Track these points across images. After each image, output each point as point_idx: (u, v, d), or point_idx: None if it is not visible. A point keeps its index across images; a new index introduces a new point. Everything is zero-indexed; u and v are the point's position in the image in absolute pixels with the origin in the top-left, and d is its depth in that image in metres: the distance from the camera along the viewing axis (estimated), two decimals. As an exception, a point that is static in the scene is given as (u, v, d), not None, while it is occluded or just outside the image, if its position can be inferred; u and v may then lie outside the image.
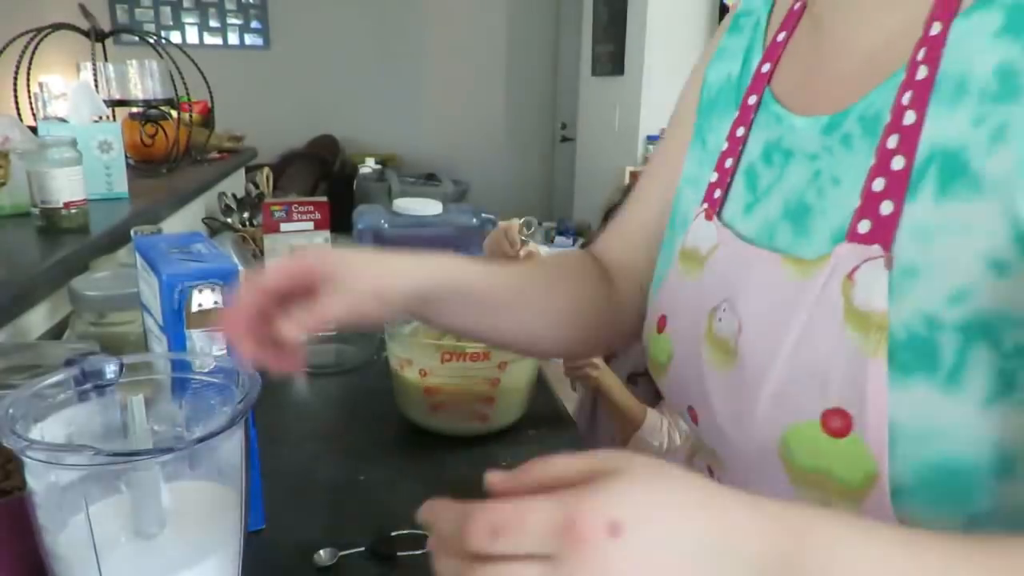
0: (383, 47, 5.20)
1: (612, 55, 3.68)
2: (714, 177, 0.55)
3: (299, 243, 1.22)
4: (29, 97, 1.55)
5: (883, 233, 0.40)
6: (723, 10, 3.16)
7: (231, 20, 4.94)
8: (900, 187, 0.40)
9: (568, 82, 5.03)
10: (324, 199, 1.25)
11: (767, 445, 0.45)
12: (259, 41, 5.02)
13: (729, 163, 0.54)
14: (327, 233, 1.24)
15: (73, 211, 1.13)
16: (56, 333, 1.01)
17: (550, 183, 5.70)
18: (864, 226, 0.41)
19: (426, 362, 0.81)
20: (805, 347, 0.43)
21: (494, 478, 0.35)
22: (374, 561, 0.62)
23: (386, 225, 1.45)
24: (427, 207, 1.48)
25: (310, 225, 1.22)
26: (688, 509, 0.31)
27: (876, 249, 0.40)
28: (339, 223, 1.47)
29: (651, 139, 3.27)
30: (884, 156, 0.41)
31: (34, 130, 1.37)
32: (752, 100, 0.54)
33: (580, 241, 3.66)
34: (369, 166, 4.42)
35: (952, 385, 0.38)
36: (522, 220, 0.99)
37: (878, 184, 0.41)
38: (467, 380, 0.81)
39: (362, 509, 0.70)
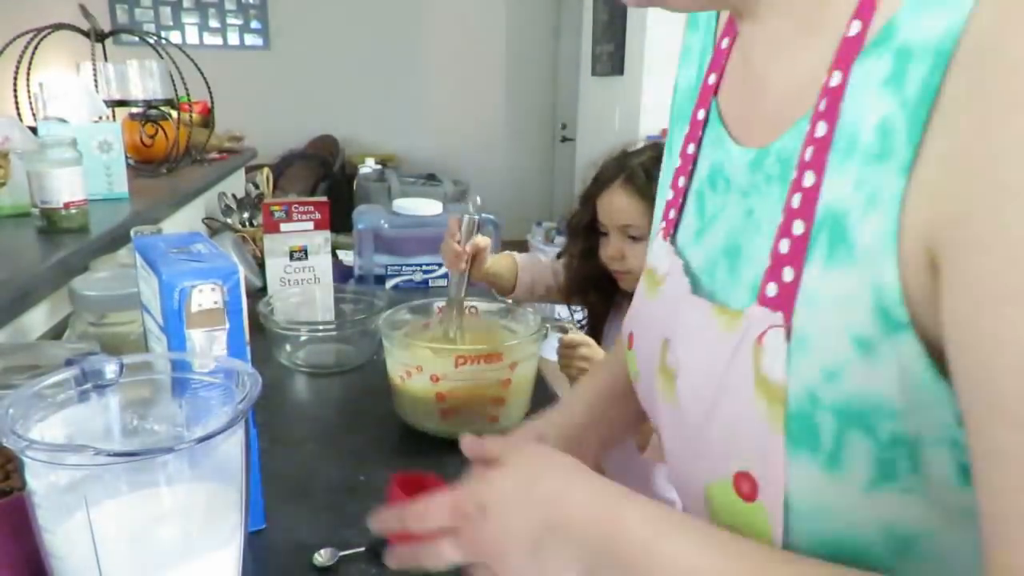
0: (383, 47, 5.20)
1: (612, 55, 3.68)
2: (670, 195, 0.54)
3: (299, 243, 1.22)
4: (29, 97, 1.55)
5: (786, 301, 0.39)
6: (723, 10, 3.16)
7: (231, 20, 4.93)
8: (800, 252, 0.38)
9: (568, 82, 5.03)
10: (324, 199, 1.25)
11: (697, 494, 0.46)
12: (259, 41, 5.02)
13: (682, 182, 0.52)
14: (327, 233, 1.24)
15: (73, 211, 1.13)
16: (56, 333, 1.01)
17: (550, 183, 5.70)
18: (771, 289, 0.40)
19: (438, 367, 0.80)
20: (724, 404, 0.42)
21: (466, 440, 0.53)
22: (374, 561, 0.62)
23: (386, 225, 1.45)
24: (427, 207, 1.48)
25: (310, 225, 1.22)
26: (536, 500, 0.43)
27: (779, 317, 0.39)
28: (339, 223, 1.47)
29: (651, 139, 3.26)
30: (788, 216, 0.40)
31: (34, 130, 1.37)
32: (700, 115, 0.51)
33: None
34: (369, 166, 4.42)
35: (833, 467, 0.37)
36: (463, 216, 1.01)
37: (783, 246, 0.39)
38: (479, 382, 0.81)
39: (362, 509, 0.69)
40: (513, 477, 0.45)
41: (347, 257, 1.61)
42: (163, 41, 1.81)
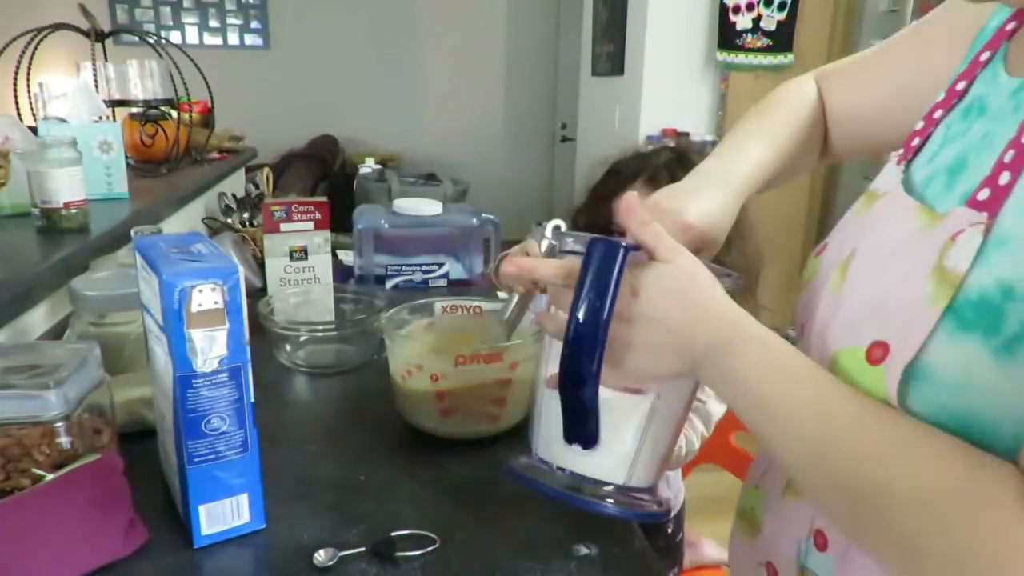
0: (383, 47, 5.20)
1: (612, 55, 3.68)
2: (919, 125, 0.57)
3: (299, 243, 1.22)
4: (29, 97, 1.55)
5: (995, 203, 0.42)
6: (723, 10, 3.16)
7: (231, 20, 4.94)
8: (1021, 161, 0.42)
9: (568, 82, 5.03)
10: (324, 199, 1.25)
11: (822, 356, 0.51)
12: (259, 41, 5.02)
13: (938, 114, 0.55)
14: (327, 233, 1.24)
15: (73, 211, 1.13)
16: (56, 333, 1.01)
17: (550, 183, 5.70)
18: (983, 194, 0.43)
19: (438, 367, 0.80)
20: (890, 285, 0.47)
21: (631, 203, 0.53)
22: (374, 561, 0.62)
23: (386, 225, 1.45)
24: (427, 207, 1.48)
25: (310, 225, 1.22)
26: (677, 301, 0.50)
27: (983, 216, 0.42)
28: (339, 223, 1.47)
29: (651, 139, 3.27)
30: (1021, 130, 0.43)
31: (34, 130, 1.37)
32: (984, 56, 0.54)
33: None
34: (369, 166, 4.42)
35: (1006, 352, 0.39)
36: (546, 241, 0.83)
37: (1008, 155, 0.43)
38: (480, 382, 0.81)
39: (362, 509, 0.70)
40: (665, 274, 0.50)
41: (347, 257, 1.61)
42: (163, 41, 1.81)
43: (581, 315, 0.49)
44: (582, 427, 0.53)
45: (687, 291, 0.50)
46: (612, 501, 0.56)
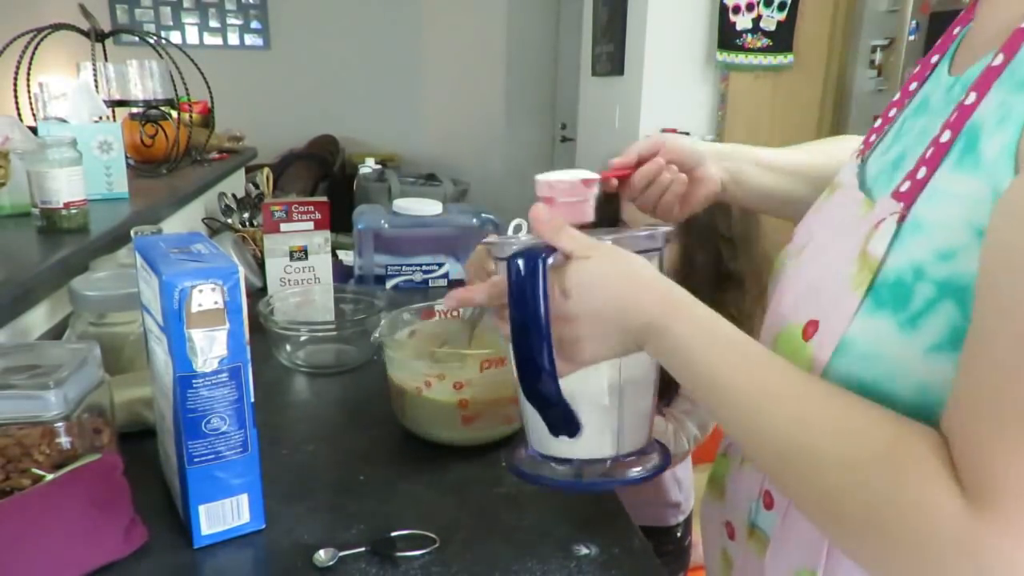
0: (383, 47, 5.20)
1: (612, 55, 3.68)
2: (877, 123, 0.62)
3: (299, 243, 1.22)
4: (29, 97, 1.55)
5: (911, 195, 0.47)
6: (723, 10, 3.16)
7: (231, 20, 4.93)
8: (938, 156, 0.46)
9: (568, 82, 5.03)
10: (324, 199, 1.25)
11: (770, 334, 0.57)
12: (259, 41, 5.02)
13: (893, 112, 0.60)
14: (327, 233, 1.24)
15: (73, 211, 1.13)
16: (56, 333, 1.01)
17: (550, 183, 5.69)
18: (905, 186, 0.48)
19: (462, 374, 0.79)
20: (825, 268, 0.52)
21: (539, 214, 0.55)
22: (374, 561, 0.62)
23: (386, 225, 1.45)
24: (427, 207, 1.48)
25: (310, 225, 1.22)
26: (604, 291, 0.52)
27: (899, 207, 0.47)
28: (339, 223, 1.47)
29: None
30: (943, 128, 0.47)
31: (34, 130, 1.37)
32: (934, 59, 0.58)
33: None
34: (369, 166, 4.41)
35: (910, 326, 0.44)
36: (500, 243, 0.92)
37: (928, 152, 0.47)
38: (501, 385, 0.80)
39: (362, 509, 0.70)
40: (587, 267, 0.52)
41: (347, 257, 1.61)
42: (163, 41, 1.81)
43: (519, 327, 0.51)
44: (559, 422, 0.56)
45: (611, 279, 0.52)
46: (611, 475, 0.60)
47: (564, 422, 0.56)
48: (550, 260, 0.51)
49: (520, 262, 0.51)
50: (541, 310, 0.50)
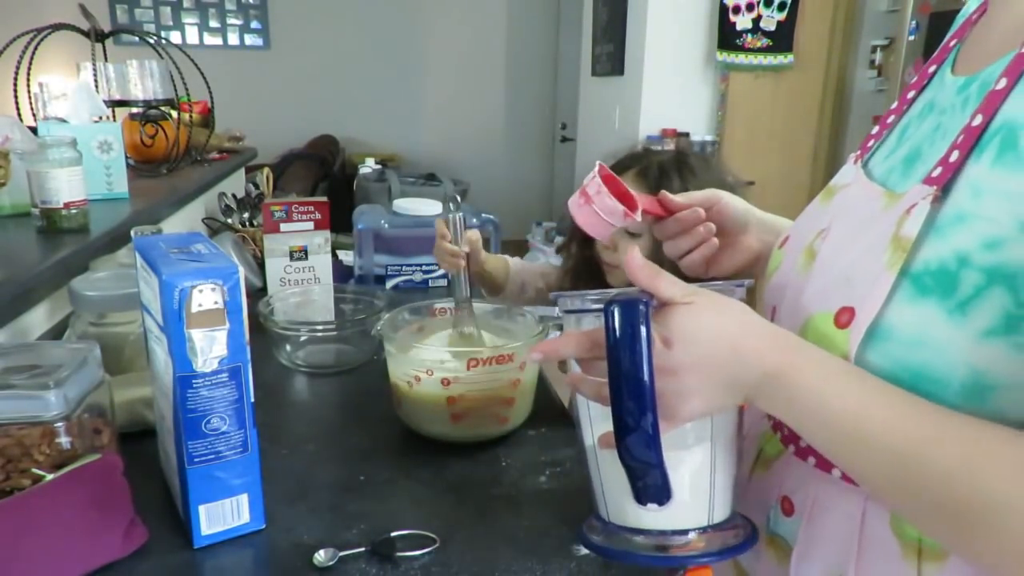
0: (383, 47, 5.20)
1: (612, 55, 3.68)
2: (874, 130, 0.63)
3: (299, 243, 1.22)
4: (29, 97, 1.55)
5: (944, 178, 0.47)
6: (723, 10, 3.16)
7: (231, 20, 4.94)
8: (970, 141, 0.46)
9: (568, 82, 5.03)
10: (324, 199, 1.25)
11: (795, 324, 0.55)
12: (259, 41, 5.02)
13: (891, 120, 0.61)
14: (327, 233, 1.24)
15: (73, 211, 1.13)
16: (56, 333, 1.01)
17: (550, 183, 5.70)
18: (936, 171, 0.48)
19: (450, 371, 0.80)
20: (856, 256, 0.51)
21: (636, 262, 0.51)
22: (374, 561, 0.62)
23: (386, 225, 1.45)
24: (427, 207, 1.48)
25: (310, 225, 1.22)
26: (714, 340, 0.49)
27: (932, 191, 0.47)
28: (339, 223, 1.47)
29: (651, 139, 3.26)
30: (973, 113, 0.47)
31: (34, 130, 1.37)
32: (931, 69, 0.60)
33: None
34: (369, 166, 4.41)
35: (958, 312, 0.44)
36: (448, 216, 0.97)
37: (959, 137, 0.48)
38: (491, 384, 0.80)
39: (362, 509, 0.70)
40: (692, 316, 0.49)
41: (347, 257, 1.61)
42: (163, 41, 1.81)
43: (624, 381, 0.47)
44: (653, 487, 0.51)
45: (719, 326, 0.49)
46: (703, 546, 0.54)
47: (657, 488, 0.51)
48: (650, 309, 0.48)
49: (621, 308, 0.47)
50: (644, 363, 0.46)
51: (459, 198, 1.01)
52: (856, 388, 0.46)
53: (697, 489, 0.54)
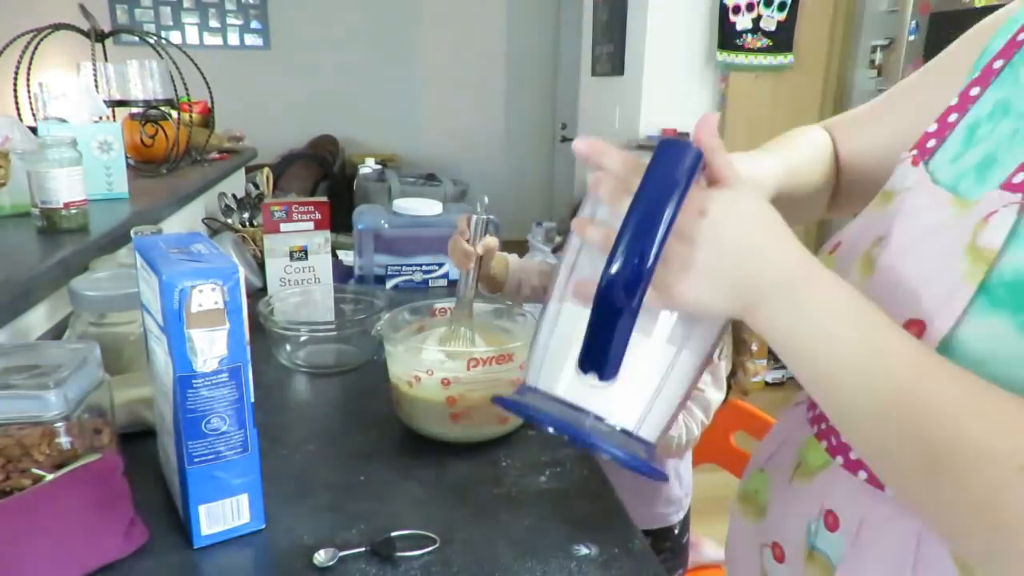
0: (383, 47, 5.21)
1: (612, 55, 3.68)
2: (932, 128, 0.58)
3: (299, 243, 1.22)
4: (29, 97, 1.55)
5: None
6: (723, 10, 3.16)
7: (231, 20, 4.94)
8: None
9: (568, 82, 5.03)
10: (324, 199, 1.25)
11: None
12: (259, 41, 5.02)
13: (953, 118, 0.57)
14: (327, 233, 1.24)
15: (73, 211, 1.13)
16: (56, 333, 1.01)
17: (550, 183, 5.70)
18: (1019, 177, 0.46)
19: (450, 371, 0.80)
20: (924, 266, 0.49)
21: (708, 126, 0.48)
22: (374, 561, 0.62)
23: (386, 225, 1.45)
24: (427, 207, 1.48)
25: (310, 225, 1.22)
26: (749, 229, 0.46)
27: (1018, 197, 0.44)
28: (339, 223, 1.47)
29: (651, 139, 3.27)
30: None
31: (34, 130, 1.37)
32: (997, 64, 0.56)
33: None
34: (369, 166, 4.42)
35: None
36: (473, 215, 0.96)
37: None
38: (491, 384, 0.80)
39: (362, 509, 0.70)
40: (739, 200, 0.47)
41: (347, 257, 1.61)
42: (163, 41, 1.81)
43: (639, 220, 0.43)
44: (605, 354, 0.46)
45: (761, 222, 0.46)
46: (615, 441, 0.49)
47: (610, 357, 0.46)
48: (701, 167, 0.45)
49: (673, 146, 0.44)
50: (671, 205, 0.43)
51: (487, 200, 0.97)
52: (871, 314, 0.44)
53: (640, 388, 0.50)
